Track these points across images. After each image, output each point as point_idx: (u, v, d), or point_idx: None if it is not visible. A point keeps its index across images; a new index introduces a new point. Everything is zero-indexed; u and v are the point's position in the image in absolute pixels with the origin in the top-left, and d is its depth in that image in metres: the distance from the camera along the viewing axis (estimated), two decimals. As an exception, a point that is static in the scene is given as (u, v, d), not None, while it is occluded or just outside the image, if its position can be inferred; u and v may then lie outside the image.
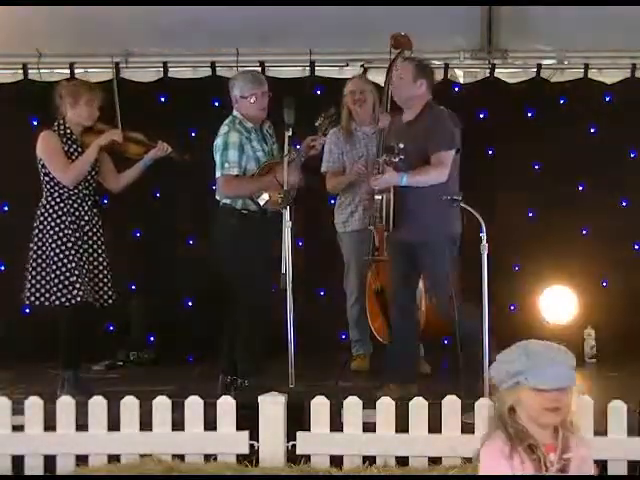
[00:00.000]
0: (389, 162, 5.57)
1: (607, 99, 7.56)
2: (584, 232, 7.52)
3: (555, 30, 7.14)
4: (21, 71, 7.49)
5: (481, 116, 7.58)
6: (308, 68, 7.43)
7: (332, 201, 6.85)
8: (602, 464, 4.44)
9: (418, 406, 4.67)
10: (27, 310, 6.61)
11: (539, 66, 7.49)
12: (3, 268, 7.50)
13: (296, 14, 6.82)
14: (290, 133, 5.81)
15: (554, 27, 7.09)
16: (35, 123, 7.31)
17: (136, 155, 5.98)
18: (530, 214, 7.53)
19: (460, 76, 7.81)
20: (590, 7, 6.64)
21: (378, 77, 6.97)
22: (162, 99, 7.61)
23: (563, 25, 7.02)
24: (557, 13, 6.85)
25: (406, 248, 5.67)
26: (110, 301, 5.87)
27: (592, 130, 7.52)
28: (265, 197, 5.86)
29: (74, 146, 5.85)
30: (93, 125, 5.91)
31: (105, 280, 5.86)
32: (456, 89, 7.68)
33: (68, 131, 5.85)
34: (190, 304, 7.65)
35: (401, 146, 5.53)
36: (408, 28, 6.46)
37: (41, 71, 7.45)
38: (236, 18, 6.86)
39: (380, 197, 5.70)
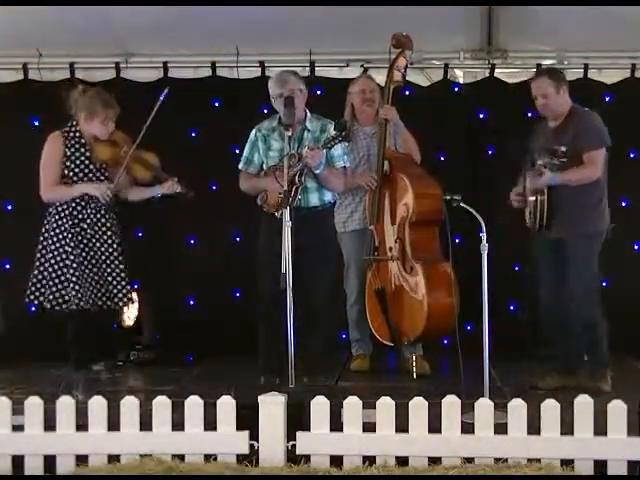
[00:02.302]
0: (549, 164, 5.77)
1: (607, 99, 7.54)
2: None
3: (555, 30, 7.13)
4: (21, 71, 7.49)
5: (481, 116, 7.57)
6: (308, 68, 7.42)
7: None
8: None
9: (418, 406, 4.66)
10: (32, 309, 6.60)
11: (539, 66, 7.46)
12: (9, 267, 7.50)
13: (296, 14, 6.81)
14: (290, 133, 5.84)
15: (554, 27, 7.08)
16: (36, 123, 7.32)
17: (140, 176, 5.90)
18: (531, 213, 7.52)
19: (460, 76, 7.80)
20: (590, 7, 6.63)
21: (378, 77, 6.96)
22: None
23: (563, 25, 7.01)
24: (557, 13, 6.84)
25: (556, 246, 5.87)
26: (121, 303, 5.86)
27: (592, 130, 7.50)
28: (258, 198, 6.06)
29: (82, 150, 5.81)
30: None
31: (115, 283, 5.83)
32: (456, 89, 7.67)
33: (78, 134, 5.83)
34: (192, 303, 7.64)
35: (563, 149, 5.76)
36: (408, 28, 6.46)
37: (41, 71, 7.45)
38: (236, 18, 6.86)
39: (534, 198, 5.86)
